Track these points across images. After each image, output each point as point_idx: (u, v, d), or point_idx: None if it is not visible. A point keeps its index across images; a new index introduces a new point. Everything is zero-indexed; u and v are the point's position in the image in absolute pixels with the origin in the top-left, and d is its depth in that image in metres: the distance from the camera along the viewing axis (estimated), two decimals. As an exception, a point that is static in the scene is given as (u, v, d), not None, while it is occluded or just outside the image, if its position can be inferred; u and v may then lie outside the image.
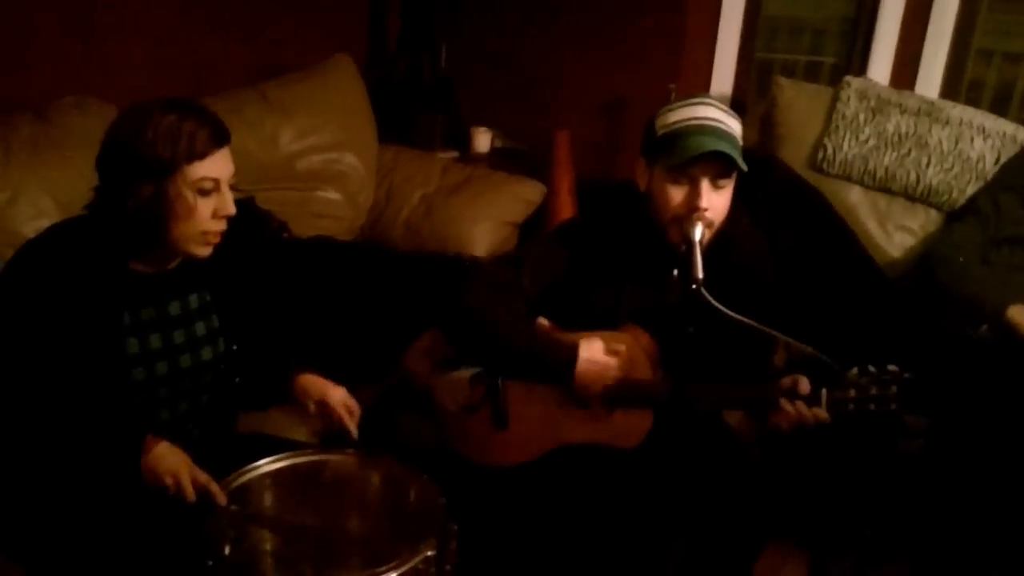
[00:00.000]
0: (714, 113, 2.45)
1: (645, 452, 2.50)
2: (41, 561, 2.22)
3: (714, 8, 4.36)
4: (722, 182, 2.43)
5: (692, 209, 2.41)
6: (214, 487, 2.07)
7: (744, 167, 2.40)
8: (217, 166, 2.13)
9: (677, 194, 2.43)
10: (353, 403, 2.39)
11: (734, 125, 2.47)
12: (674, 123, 2.46)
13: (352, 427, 2.34)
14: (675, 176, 2.43)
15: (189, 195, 2.10)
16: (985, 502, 2.98)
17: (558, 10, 4.71)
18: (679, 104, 2.50)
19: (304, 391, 2.43)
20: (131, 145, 2.06)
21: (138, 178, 2.07)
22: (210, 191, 2.13)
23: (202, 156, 2.09)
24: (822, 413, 2.34)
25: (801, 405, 2.34)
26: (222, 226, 2.18)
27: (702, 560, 2.50)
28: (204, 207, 2.13)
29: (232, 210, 2.17)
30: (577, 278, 2.62)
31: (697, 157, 2.38)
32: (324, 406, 2.39)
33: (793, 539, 3.26)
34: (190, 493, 2.06)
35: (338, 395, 2.39)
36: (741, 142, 2.48)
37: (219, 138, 2.13)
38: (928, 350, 2.94)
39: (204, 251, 2.20)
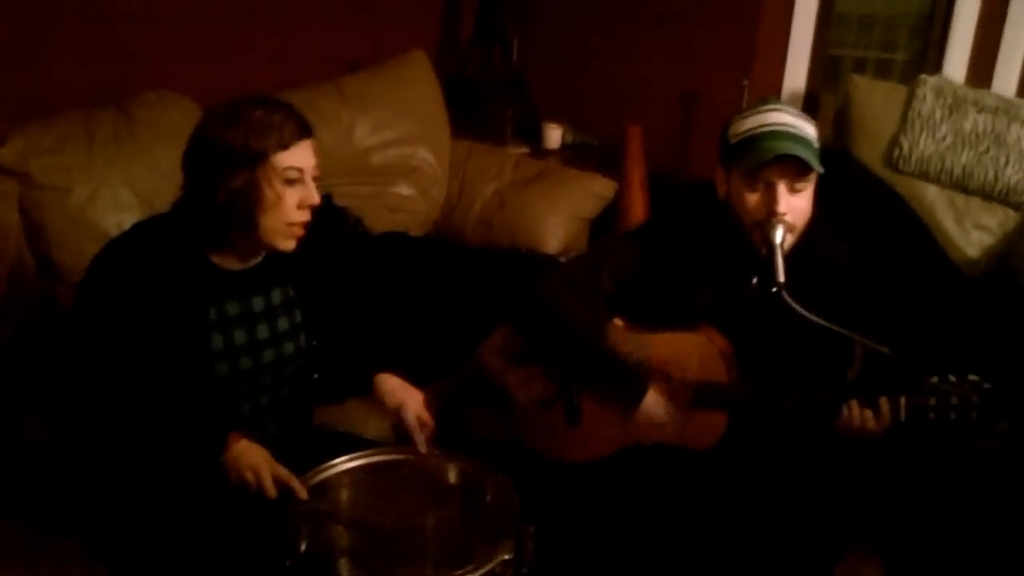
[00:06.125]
0: (786, 118, 2.45)
1: (720, 454, 2.50)
2: (120, 555, 2.27)
3: (788, 4, 4.33)
4: (799, 184, 2.42)
5: (771, 213, 2.40)
6: (295, 483, 2.10)
7: (820, 168, 2.40)
8: (302, 156, 2.19)
9: (754, 199, 2.44)
10: (427, 416, 2.38)
11: (808, 128, 2.47)
12: (746, 130, 2.46)
13: (421, 444, 2.34)
14: (751, 181, 2.43)
15: (277, 184, 2.15)
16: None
17: (630, 5, 4.70)
18: (750, 111, 2.50)
19: (383, 393, 2.44)
20: (223, 138, 2.12)
21: (229, 168, 2.12)
22: (295, 181, 2.18)
23: (288, 146, 2.15)
24: (871, 423, 2.34)
25: (862, 413, 2.35)
26: (306, 217, 2.23)
27: (781, 563, 2.50)
28: (291, 197, 2.18)
29: (316, 200, 2.22)
30: (656, 277, 2.62)
31: (771, 161, 2.38)
32: (399, 415, 2.40)
33: (870, 545, 3.23)
34: (271, 489, 2.10)
35: (413, 408, 2.39)
36: (817, 144, 2.47)
37: (304, 130, 2.20)
38: (1006, 351, 2.92)
39: (289, 244, 2.24)
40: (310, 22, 4.19)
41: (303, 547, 2.01)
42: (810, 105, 4.30)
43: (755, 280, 2.55)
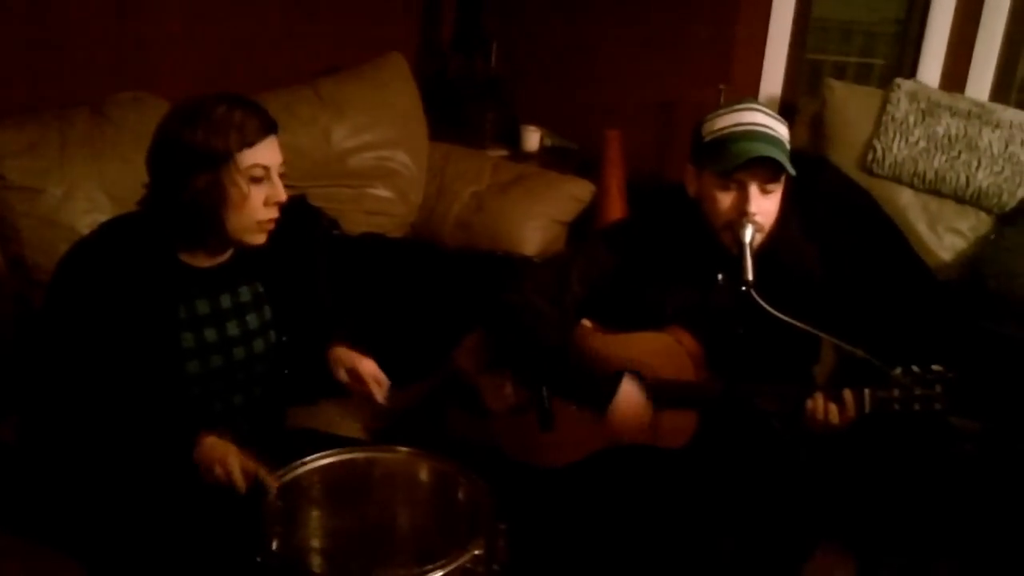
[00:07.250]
0: (760, 118, 2.46)
1: (692, 452, 2.51)
2: (95, 555, 2.24)
3: (764, 10, 4.35)
4: (771, 186, 2.44)
5: (742, 214, 2.42)
6: (263, 473, 2.08)
7: (792, 171, 2.41)
8: (267, 154, 2.17)
9: (726, 199, 2.45)
10: (382, 376, 2.43)
11: (781, 129, 2.48)
12: (721, 129, 2.47)
13: (379, 395, 2.40)
14: (724, 182, 2.45)
15: (243, 183, 2.14)
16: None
17: (609, 11, 4.71)
18: (725, 110, 2.51)
19: (336, 360, 2.46)
20: (185, 138, 2.10)
21: (193, 169, 2.11)
22: (262, 179, 2.17)
23: (252, 144, 2.14)
24: (836, 416, 2.35)
25: (827, 406, 2.36)
26: (274, 213, 2.22)
27: (751, 560, 2.51)
28: (257, 195, 2.17)
29: (283, 197, 2.21)
30: (625, 277, 2.63)
31: (744, 163, 2.39)
32: (354, 374, 2.43)
33: (842, 542, 3.24)
34: (240, 480, 2.08)
35: (367, 366, 2.43)
36: (788, 146, 2.49)
37: (268, 127, 2.18)
38: (978, 353, 2.94)
39: (259, 239, 2.24)
40: (287, 24, 4.18)
41: (275, 545, 2.01)
42: (787, 111, 4.30)
43: (720, 277, 2.56)
